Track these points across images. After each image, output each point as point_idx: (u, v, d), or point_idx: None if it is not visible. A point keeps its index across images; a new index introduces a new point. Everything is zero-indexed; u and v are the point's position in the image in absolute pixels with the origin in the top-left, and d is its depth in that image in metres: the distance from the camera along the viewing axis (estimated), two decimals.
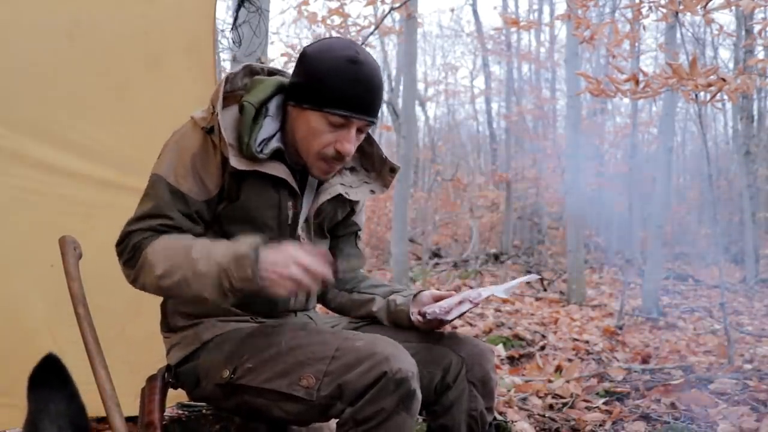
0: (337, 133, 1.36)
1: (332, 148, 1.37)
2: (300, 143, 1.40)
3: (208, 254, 1.28)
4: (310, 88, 1.34)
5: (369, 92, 1.35)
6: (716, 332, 5.29)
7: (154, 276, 1.31)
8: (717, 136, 20.41)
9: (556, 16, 12.00)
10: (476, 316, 5.45)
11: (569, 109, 7.91)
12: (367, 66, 1.34)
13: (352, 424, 1.21)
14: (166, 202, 1.36)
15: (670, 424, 2.51)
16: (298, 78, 1.38)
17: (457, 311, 1.42)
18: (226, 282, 1.25)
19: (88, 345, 1.46)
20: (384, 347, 1.24)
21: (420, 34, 14.53)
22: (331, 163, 1.40)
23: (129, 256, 1.35)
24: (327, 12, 6.28)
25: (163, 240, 1.33)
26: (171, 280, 1.29)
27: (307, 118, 1.36)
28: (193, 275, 1.27)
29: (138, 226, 1.36)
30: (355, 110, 1.34)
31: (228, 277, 1.25)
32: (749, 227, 10.35)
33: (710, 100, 3.36)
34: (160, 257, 1.30)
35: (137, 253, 1.33)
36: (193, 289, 1.29)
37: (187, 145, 1.39)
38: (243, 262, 1.24)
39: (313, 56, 1.36)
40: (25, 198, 1.88)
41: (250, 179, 1.39)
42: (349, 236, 1.64)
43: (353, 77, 1.32)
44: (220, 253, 1.27)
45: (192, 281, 1.28)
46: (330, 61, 1.33)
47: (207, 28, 2.11)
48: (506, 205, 12.66)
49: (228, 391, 1.36)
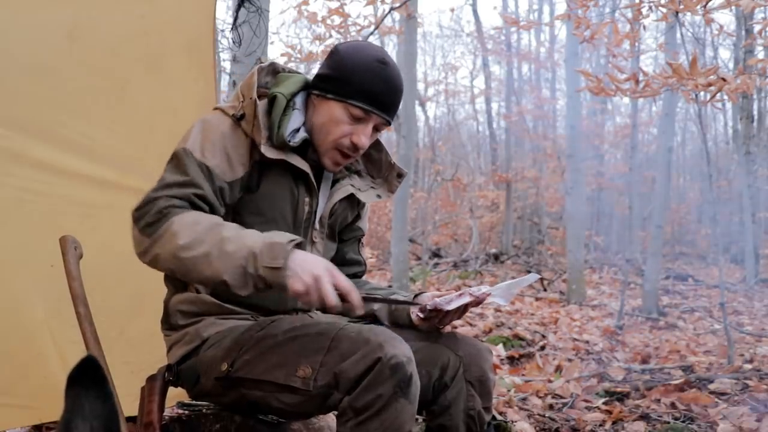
0: (356, 126, 1.42)
1: (348, 140, 1.42)
2: (318, 131, 1.44)
3: (239, 236, 1.25)
4: (337, 80, 1.41)
5: (392, 92, 1.42)
6: (716, 332, 5.29)
7: (174, 245, 1.25)
8: (717, 136, 20.41)
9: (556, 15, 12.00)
10: (476, 316, 5.45)
11: (569, 109, 7.92)
12: (393, 69, 1.43)
13: (351, 413, 1.20)
14: (195, 173, 1.34)
15: (670, 424, 2.52)
16: (327, 70, 1.44)
17: (456, 302, 1.43)
18: (251, 266, 1.22)
19: (88, 345, 1.46)
20: (377, 335, 1.24)
21: (420, 34, 14.56)
22: (344, 155, 1.45)
23: (151, 219, 1.28)
24: (327, 12, 6.28)
25: (193, 213, 1.29)
26: (192, 253, 1.24)
27: (329, 107, 1.42)
28: (219, 252, 1.23)
29: (166, 193, 1.31)
30: (376, 106, 1.41)
31: (255, 261, 1.22)
32: (749, 227, 10.36)
33: (710, 99, 3.36)
34: (186, 227, 1.25)
35: (162, 219, 1.27)
36: (213, 268, 1.23)
37: (216, 127, 1.40)
38: (276, 250, 1.22)
39: (345, 52, 1.43)
40: (25, 198, 1.88)
41: (271, 171, 1.42)
42: (353, 242, 1.67)
43: (381, 76, 1.40)
44: (252, 237, 1.25)
45: (215, 259, 1.23)
46: (360, 58, 1.41)
47: (207, 28, 2.11)
48: (506, 205, 12.67)
49: (227, 384, 1.36)
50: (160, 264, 1.30)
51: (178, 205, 1.30)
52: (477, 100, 18.94)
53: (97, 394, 0.69)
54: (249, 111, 1.40)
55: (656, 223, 6.80)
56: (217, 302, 1.44)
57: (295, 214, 1.47)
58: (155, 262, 1.30)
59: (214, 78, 2.15)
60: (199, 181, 1.34)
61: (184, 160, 1.35)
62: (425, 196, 13.99)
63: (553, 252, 12.37)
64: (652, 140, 16.91)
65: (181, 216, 1.27)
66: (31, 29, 1.82)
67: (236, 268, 1.23)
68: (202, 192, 1.33)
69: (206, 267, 1.24)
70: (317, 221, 1.51)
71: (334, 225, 1.58)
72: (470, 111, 20.62)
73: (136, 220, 1.31)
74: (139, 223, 1.30)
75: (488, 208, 14.74)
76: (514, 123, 13.69)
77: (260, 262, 1.22)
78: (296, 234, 1.46)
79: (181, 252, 1.25)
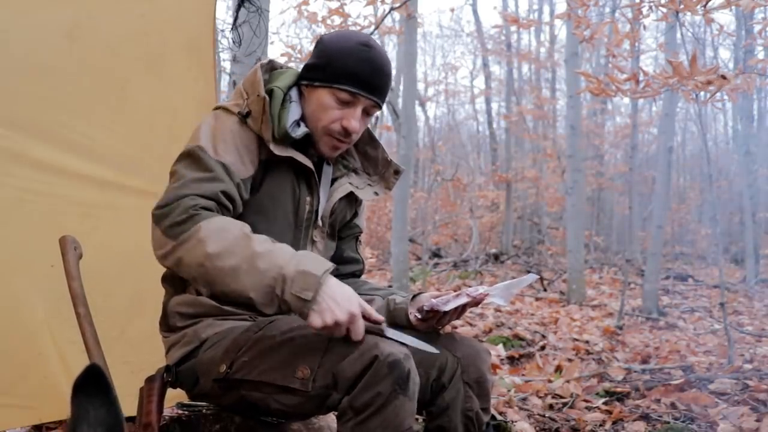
0: (345, 111, 1.42)
1: (339, 125, 1.43)
2: (309, 119, 1.45)
3: (271, 252, 1.21)
4: (323, 67, 1.42)
5: (377, 73, 1.42)
6: (716, 332, 5.29)
7: (202, 252, 1.20)
8: (717, 136, 20.42)
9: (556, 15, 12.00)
10: (476, 316, 5.45)
11: (569, 109, 7.91)
12: (378, 51, 1.43)
13: (351, 413, 1.20)
14: (217, 170, 1.31)
15: (670, 424, 2.52)
16: (313, 59, 1.46)
17: (454, 303, 1.42)
18: (279, 289, 1.19)
19: (88, 345, 1.46)
20: (374, 334, 1.24)
21: (420, 34, 14.56)
22: (338, 140, 1.46)
23: (179, 219, 1.23)
24: (327, 12, 6.28)
25: (221, 219, 1.25)
26: (221, 264, 1.20)
27: (318, 94, 1.43)
28: (249, 268, 1.19)
29: (192, 191, 1.27)
30: (362, 88, 1.41)
31: (284, 285, 1.19)
32: (749, 227, 10.36)
33: (710, 97, 3.36)
34: (215, 234, 1.21)
35: (188, 221, 1.23)
36: (240, 282, 1.20)
37: (225, 125, 1.40)
38: (308, 280, 1.18)
39: (329, 40, 1.46)
40: (25, 198, 1.88)
41: (273, 170, 1.43)
42: (350, 239, 1.66)
43: (364, 58, 1.40)
44: (285, 258, 1.21)
45: (243, 274, 1.20)
46: (344, 43, 1.43)
47: (207, 28, 2.12)
48: (506, 205, 12.66)
49: (225, 386, 1.36)
50: (182, 268, 1.26)
51: (204, 206, 1.26)
52: (477, 100, 18.98)
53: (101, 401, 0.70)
54: (256, 108, 1.40)
55: (656, 223, 6.81)
56: (216, 304, 1.43)
57: (297, 213, 1.47)
58: (177, 266, 1.26)
59: (214, 78, 2.15)
60: (222, 176, 1.32)
61: (201, 157, 1.33)
62: (425, 196, 13.98)
63: (553, 252, 12.37)
64: (652, 140, 16.91)
65: (209, 221, 1.23)
66: (31, 29, 1.82)
67: (265, 287, 1.20)
68: (226, 188, 1.31)
69: (233, 280, 1.21)
70: (318, 220, 1.51)
71: (335, 224, 1.59)
72: (470, 111, 20.66)
73: (158, 219, 1.26)
74: (163, 223, 1.25)
75: (488, 208, 14.74)
76: (514, 123, 13.68)
77: (289, 288, 1.19)
78: (297, 233, 1.47)
79: (208, 261, 1.21)
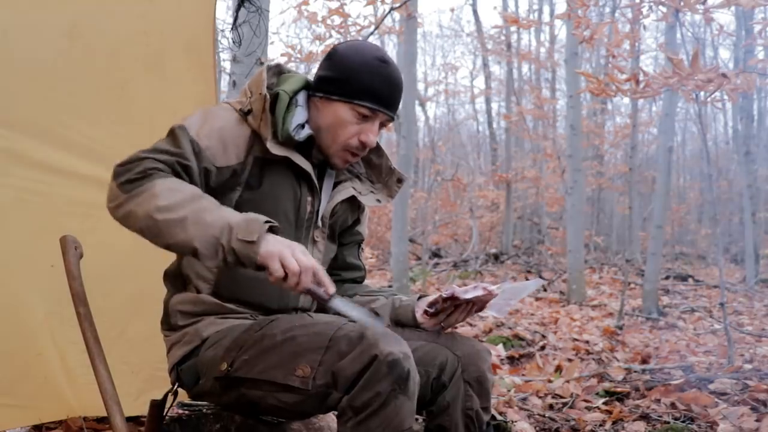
0: (363, 125, 1.45)
1: (356, 139, 1.46)
2: (324, 133, 1.46)
3: (219, 208, 1.28)
4: (341, 80, 1.44)
5: (395, 90, 1.46)
6: (716, 332, 5.29)
7: (152, 205, 1.25)
8: (717, 136, 20.42)
9: (556, 15, 12.01)
10: (476, 316, 5.45)
11: (569, 109, 7.91)
12: (394, 67, 1.48)
13: (350, 413, 1.20)
14: (185, 147, 1.36)
15: (670, 424, 2.51)
16: (329, 72, 1.46)
17: (472, 293, 1.45)
18: (225, 238, 1.24)
19: (88, 345, 1.46)
20: (374, 332, 1.24)
21: (420, 34, 14.56)
22: (354, 154, 1.49)
23: (133, 176, 1.29)
24: (327, 12, 6.29)
25: (177, 180, 1.31)
26: (169, 216, 1.25)
27: (334, 109, 1.45)
28: (196, 219, 1.25)
29: (154, 156, 1.33)
30: (382, 104, 1.44)
31: (230, 233, 1.24)
32: (749, 227, 10.35)
33: (710, 96, 3.36)
34: (168, 191, 1.27)
35: (145, 179, 1.28)
36: (186, 233, 1.24)
37: (219, 115, 1.43)
38: (253, 225, 1.24)
39: (345, 53, 1.46)
40: (25, 198, 1.88)
41: (273, 169, 1.44)
42: (352, 246, 1.68)
43: (383, 74, 1.44)
44: (231, 213, 1.28)
45: (190, 224, 1.24)
46: (362, 58, 1.44)
47: (207, 28, 2.11)
48: (506, 205, 12.66)
49: (226, 384, 1.36)
50: (130, 221, 1.30)
51: (162, 169, 1.31)
52: (477, 100, 18.96)
53: None
54: (257, 106, 1.41)
55: (656, 223, 6.80)
56: (217, 302, 1.44)
57: (298, 213, 1.48)
58: (126, 218, 1.30)
59: (214, 78, 2.15)
60: (188, 155, 1.36)
61: (178, 135, 1.37)
62: (425, 196, 13.99)
63: (553, 252, 12.37)
64: (652, 140, 16.91)
65: (164, 180, 1.29)
66: (31, 29, 1.82)
67: (209, 238, 1.24)
68: (189, 164, 1.35)
69: (180, 231, 1.25)
70: (319, 220, 1.52)
71: (335, 226, 1.60)
72: (470, 111, 20.64)
73: (116, 174, 1.31)
74: (120, 178, 1.30)
75: (488, 208, 14.74)
76: (514, 123, 13.67)
77: (235, 234, 1.24)
78: (298, 233, 1.48)
79: (157, 213, 1.25)
